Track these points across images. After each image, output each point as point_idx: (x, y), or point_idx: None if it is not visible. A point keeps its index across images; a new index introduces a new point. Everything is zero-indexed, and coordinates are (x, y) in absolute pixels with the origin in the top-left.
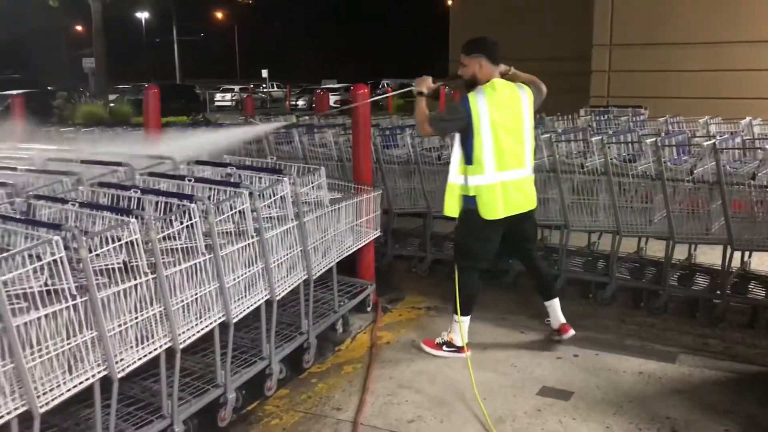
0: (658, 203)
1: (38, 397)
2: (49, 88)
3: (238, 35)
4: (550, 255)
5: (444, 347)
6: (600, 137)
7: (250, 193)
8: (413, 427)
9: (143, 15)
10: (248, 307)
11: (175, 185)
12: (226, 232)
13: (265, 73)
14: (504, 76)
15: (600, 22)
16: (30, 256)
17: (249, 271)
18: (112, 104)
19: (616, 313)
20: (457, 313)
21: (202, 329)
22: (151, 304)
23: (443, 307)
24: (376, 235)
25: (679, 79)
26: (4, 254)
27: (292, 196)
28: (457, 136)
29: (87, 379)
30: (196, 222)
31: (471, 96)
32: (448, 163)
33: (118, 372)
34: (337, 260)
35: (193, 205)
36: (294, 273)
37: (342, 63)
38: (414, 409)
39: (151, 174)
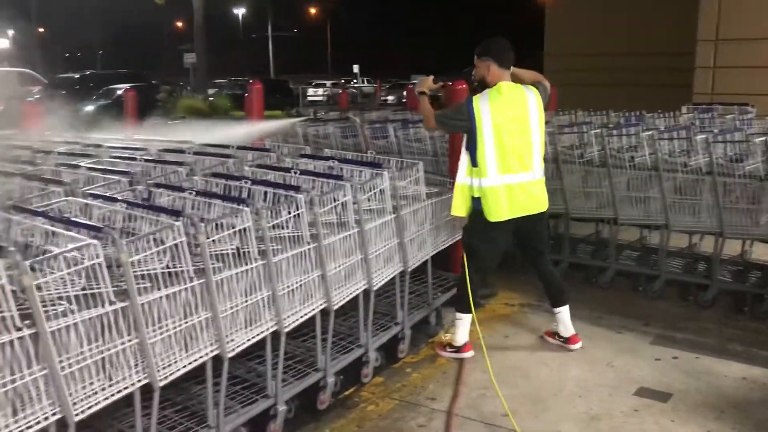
0: (766, 205)
1: (158, 371)
2: (153, 82)
3: (330, 31)
4: (649, 255)
5: (447, 348)
6: (705, 136)
7: (352, 186)
8: (507, 420)
9: (240, 11)
10: (347, 296)
11: (282, 177)
12: (329, 223)
13: (356, 68)
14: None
15: (706, 17)
16: (154, 239)
17: (349, 260)
18: (211, 98)
19: (718, 317)
20: (463, 312)
21: (305, 315)
22: (260, 289)
23: (537, 305)
24: None
25: None
26: (132, 237)
27: (391, 190)
28: (465, 138)
29: (201, 357)
30: (302, 212)
31: (475, 99)
32: (546, 159)
33: (229, 352)
34: (432, 254)
35: (300, 196)
36: (391, 264)
37: (432, 58)
38: (508, 403)
39: (259, 166)
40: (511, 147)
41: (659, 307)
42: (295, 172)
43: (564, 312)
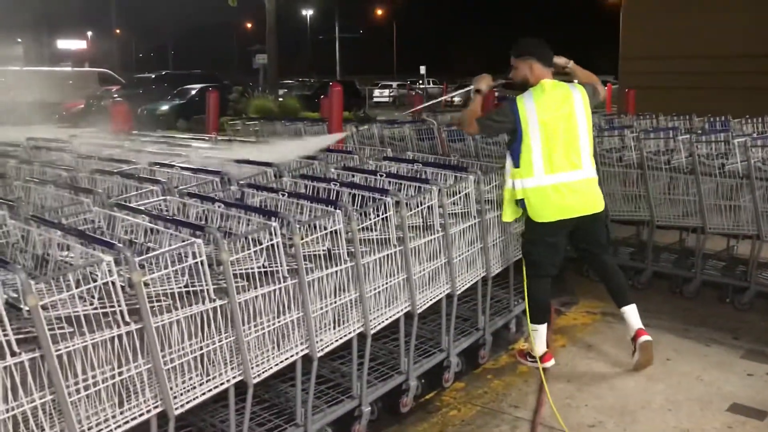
0: None
1: (252, 368)
2: (225, 82)
3: (396, 32)
4: (737, 266)
5: (528, 357)
6: None
7: (439, 190)
8: (593, 431)
9: (308, 12)
10: (431, 300)
11: (366, 179)
12: (414, 226)
13: (423, 69)
14: (563, 69)
15: None
16: (252, 239)
17: (433, 264)
18: (280, 99)
19: None
20: (534, 322)
21: (390, 317)
22: (348, 290)
23: (619, 314)
24: None
25: None
26: (232, 236)
27: (475, 194)
28: (508, 140)
29: (292, 356)
30: (390, 215)
31: (519, 99)
32: (628, 165)
33: (318, 351)
34: (514, 260)
35: (388, 198)
36: (473, 269)
37: (499, 58)
38: (594, 414)
39: (345, 168)
40: (558, 145)
41: (749, 319)
42: (381, 175)
43: (629, 312)
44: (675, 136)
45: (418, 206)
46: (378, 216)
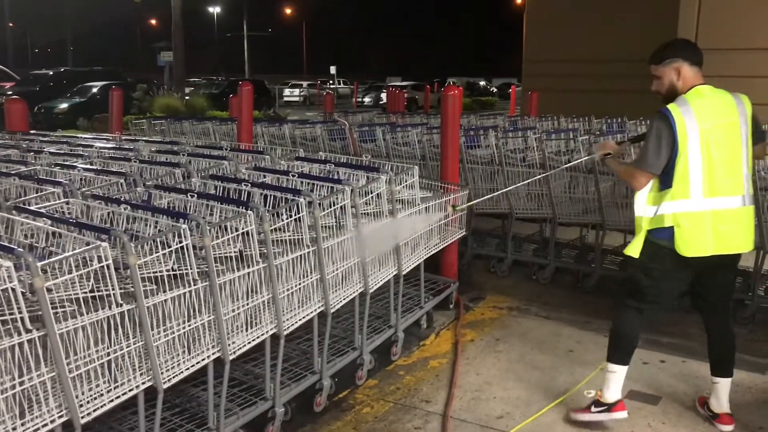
0: None
1: (162, 373)
2: (129, 80)
3: (306, 31)
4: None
5: (593, 407)
6: None
7: (352, 190)
8: (502, 422)
9: (215, 10)
10: (344, 299)
11: (278, 179)
12: (327, 226)
13: (333, 69)
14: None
15: (685, 26)
16: (160, 242)
17: (346, 263)
18: (187, 97)
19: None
20: (616, 362)
21: (303, 317)
22: (261, 292)
23: (525, 308)
24: (462, 235)
25: None
26: (140, 239)
27: (387, 194)
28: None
29: (203, 359)
30: (303, 215)
31: (672, 106)
32: (531, 165)
33: (231, 354)
34: (424, 257)
35: (301, 199)
36: (385, 268)
37: (407, 60)
38: (502, 406)
39: (256, 168)
40: (721, 161)
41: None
42: (293, 175)
43: (722, 385)
44: (575, 137)
45: (331, 206)
46: (291, 216)
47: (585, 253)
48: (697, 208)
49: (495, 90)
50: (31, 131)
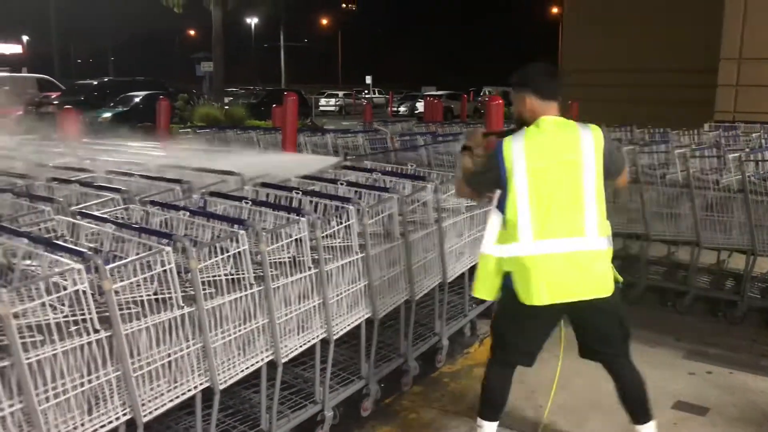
0: None
1: (219, 374)
2: (170, 89)
3: (341, 41)
4: (678, 271)
5: None
6: (737, 154)
7: (399, 198)
8: (549, 430)
9: (253, 20)
10: (390, 305)
11: (326, 188)
12: (375, 234)
13: (369, 79)
14: None
15: (729, 35)
16: (219, 248)
17: (393, 270)
18: (226, 107)
19: (748, 333)
20: (482, 417)
21: (352, 322)
22: (312, 297)
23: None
24: None
25: None
26: (200, 244)
27: (433, 202)
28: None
29: (257, 362)
30: (352, 223)
31: (506, 141)
32: None
33: (283, 357)
34: (469, 266)
35: (351, 207)
36: (431, 275)
37: (442, 70)
38: (549, 414)
39: (305, 177)
40: (553, 202)
41: (689, 322)
42: (342, 183)
43: (649, 429)
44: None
45: (379, 214)
46: (341, 224)
47: (629, 264)
48: (527, 252)
49: None
50: (84, 139)
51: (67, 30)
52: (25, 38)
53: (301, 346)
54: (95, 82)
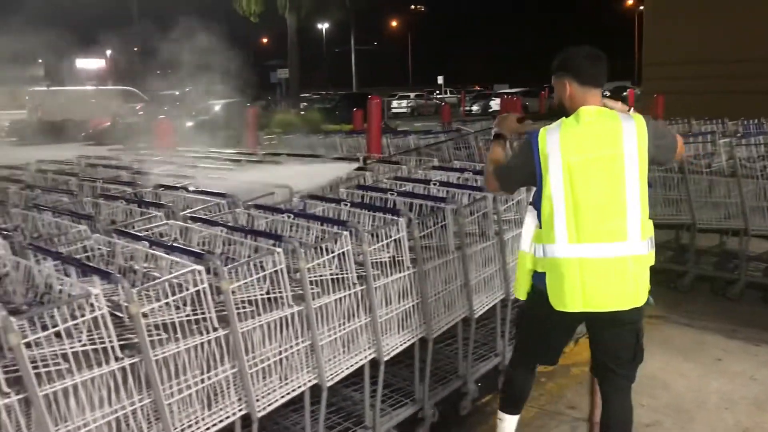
0: None
1: (326, 372)
2: (262, 101)
3: (411, 43)
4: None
5: None
6: None
7: (494, 198)
8: (651, 430)
9: (324, 26)
10: (487, 304)
11: (422, 188)
12: (471, 233)
13: (441, 79)
14: None
15: None
16: (325, 248)
17: (488, 270)
18: (302, 112)
19: None
20: (503, 410)
21: (449, 321)
22: (410, 296)
23: (665, 316)
24: None
25: None
26: (309, 245)
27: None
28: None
29: (360, 360)
30: (448, 222)
31: (542, 131)
32: (669, 169)
33: (385, 355)
34: None
35: (446, 207)
36: None
37: (513, 67)
38: (650, 414)
39: (396, 178)
40: (592, 201)
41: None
42: (434, 184)
43: None
44: (714, 140)
45: (474, 214)
46: (437, 224)
47: (727, 260)
48: (563, 255)
49: (608, 94)
50: (178, 148)
51: (146, 43)
52: (108, 52)
53: (401, 345)
54: (177, 92)
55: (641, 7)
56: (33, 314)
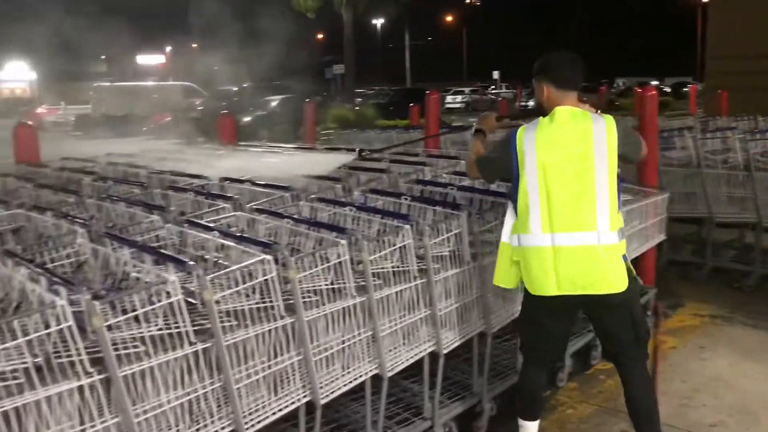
0: None
1: (387, 362)
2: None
3: (466, 37)
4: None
5: None
6: None
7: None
8: (715, 431)
9: (378, 21)
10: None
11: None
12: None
13: (496, 74)
14: None
15: None
16: (386, 241)
17: None
18: (357, 107)
19: None
20: (522, 417)
21: (507, 317)
22: (471, 291)
23: (729, 316)
24: (661, 239)
25: None
26: (372, 238)
27: None
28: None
29: (420, 352)
30: (507, 218)
31: (520, 130)
32: (734, 167)
33: (444, 348)
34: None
35: (509, 201)
36: None
37: None
38: (714, 414)
39: (455, 173)
40: (564, 196)
41: None
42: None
43: None
44: None
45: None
46: (497, 219)
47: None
48: (536, 243)
49: (669, 90)
50: (240, 143)
51: (204, 39)
52: (168, 49)
53: (460, 338)
54: (235, 88)
55: None
56: (113, 299)
